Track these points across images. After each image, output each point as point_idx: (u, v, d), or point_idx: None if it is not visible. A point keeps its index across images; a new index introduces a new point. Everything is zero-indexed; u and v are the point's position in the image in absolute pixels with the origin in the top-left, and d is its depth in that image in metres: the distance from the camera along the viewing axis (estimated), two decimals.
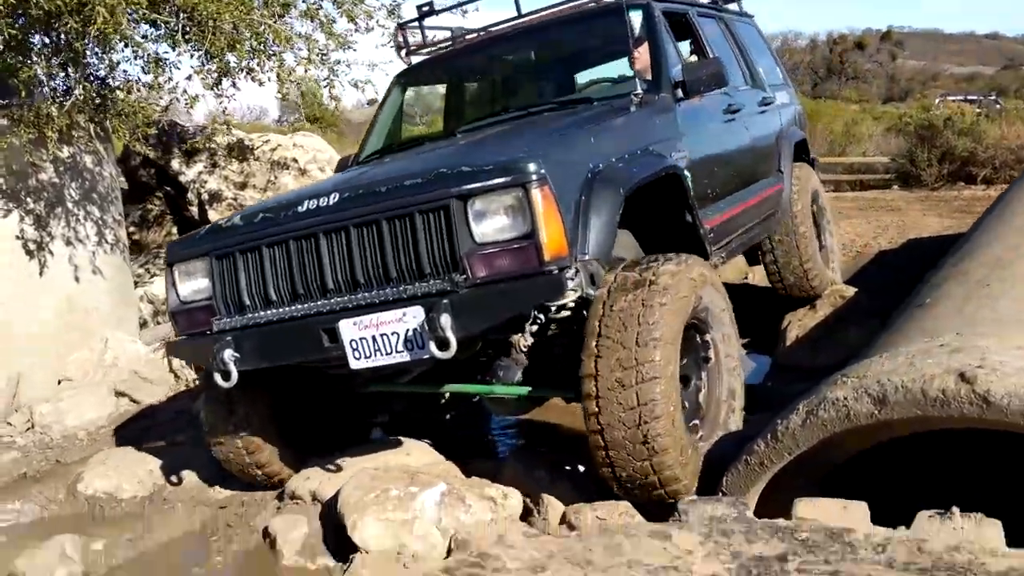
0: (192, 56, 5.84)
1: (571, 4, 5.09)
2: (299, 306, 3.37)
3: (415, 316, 3.05)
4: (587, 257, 3.13)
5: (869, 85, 48.87)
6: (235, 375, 3.42)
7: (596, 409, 3.07)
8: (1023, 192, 5.11)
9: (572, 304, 3.26)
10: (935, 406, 2.50)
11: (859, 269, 8.10)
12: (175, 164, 9.69)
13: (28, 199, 6.09)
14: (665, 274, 3.20)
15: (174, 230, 9.98)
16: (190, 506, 4.32)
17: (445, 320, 2.94)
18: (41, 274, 6.18)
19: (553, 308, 3.28)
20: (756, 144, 5.32)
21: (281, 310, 3.41)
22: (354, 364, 3.20)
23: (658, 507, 3.09)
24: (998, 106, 23.12)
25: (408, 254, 3.15)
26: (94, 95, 5.80)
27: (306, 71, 6.06)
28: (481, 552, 2.48)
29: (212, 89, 6.08)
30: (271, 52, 5.89)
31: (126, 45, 5.61)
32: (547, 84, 5.35)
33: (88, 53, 5.59)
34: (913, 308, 3.62)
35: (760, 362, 5.94)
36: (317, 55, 5.97)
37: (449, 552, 2.80)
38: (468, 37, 5.59)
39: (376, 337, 3.13)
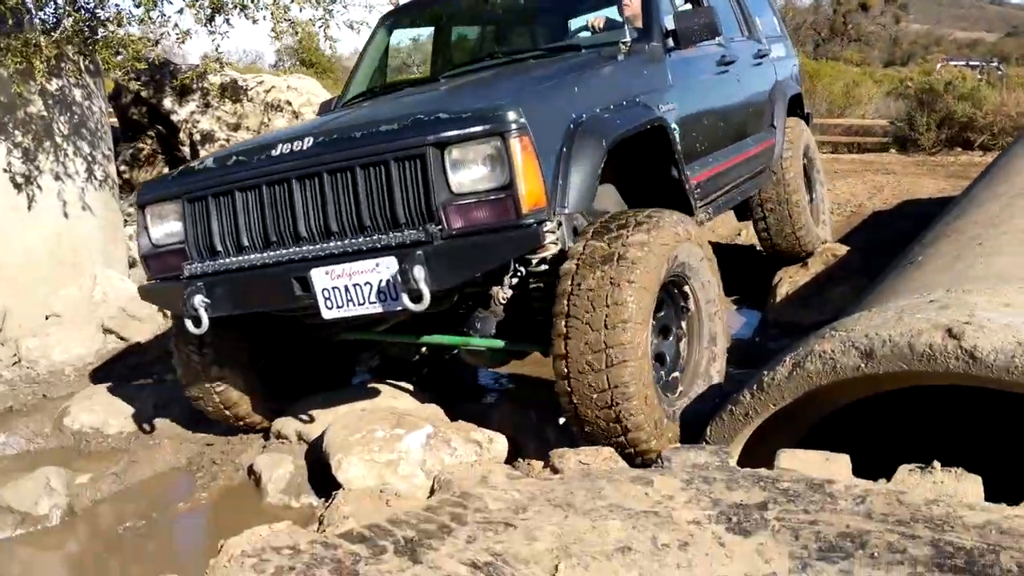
0: None
1: None
2: (271, 253, 3.28)
3: (388, 267, 2.98)
4: (567, 210, 3.06)
5: (871, 47, 48.41)
6: (206, 321, 3.36)
7: (568, 389, 3.04)
8: (1019, 154, 5.08)
9: (551, 257, 3.20)
10: (922, 361, 2.49)
11: (852, 228, 8.09)
12: (167, 103, 9.56)
13: (16, 131, 6.00)
14: (634, 245, 3.08)
15: (165, 169, 9.88)
16: (176, 443, 4.34)
17: (419, 272, 2.89)
18: (29, 208, 6.13)
19: (533, 261, 3.22)
20: (749, 98, 5.22)
21: (253, 256, 3.32)
22: (326, 314, 3.15)
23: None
24: (1000, 72, 22.93)
25: (383, 203, 3.06)
26: (84, 27, 5.69)
27: (301, 9, 5.95)
28: (463, 492, 2.48)
29: (205, 25, 5.98)
30: None
31: None
32: (536, 29, 5.22)
33: None
34: (905, 265, 3.61)
35: (751, 317, 5.95)
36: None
37: (432, 492, 2.81)
38: None
39: (349, 287, 3.07)
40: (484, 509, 2.35)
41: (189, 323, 3.37)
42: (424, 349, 4.44)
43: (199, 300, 3.34)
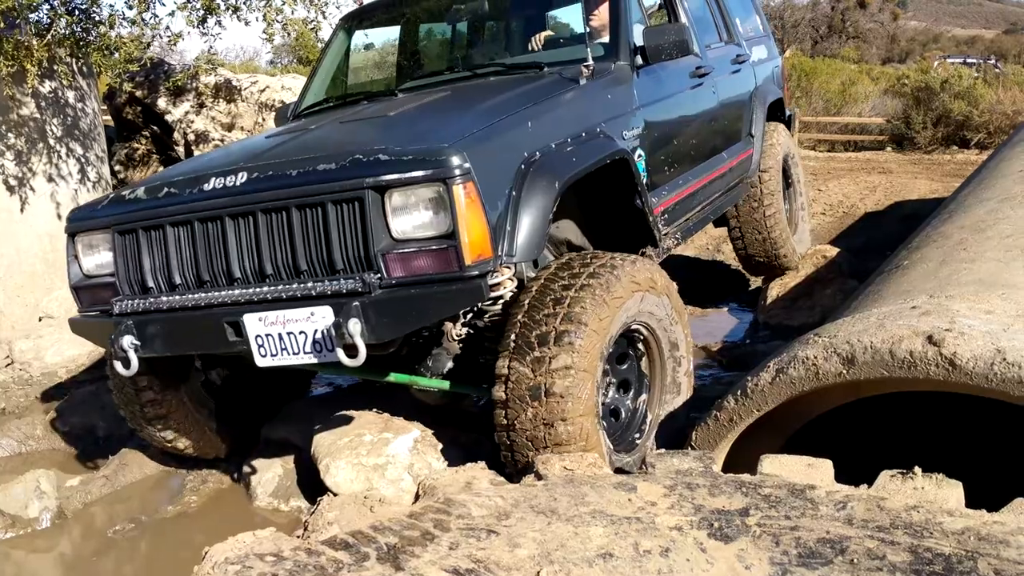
0: None
1: None
2: (204, 294, 3.06)
3: (324, 317, 2.80)
4: (515, 259, 2.85)
5: (869, 45, 48.35)
6: (135, 363, 3.15)
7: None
8: (1007, 157, 5.09)
9: (505, 298, 3.07)
10: (902, 367, 2.51)
11: (844, 230, 8.10)
12: (161, 103, 9.55)
13: (9, 134, 6.01)
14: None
15: (160, 169, 9.88)
16: None
17: (354, 326, 2.70)
18: (22, 211, 6.14)
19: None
20: (726, 109, 4.95)
21: (185, 296, 3.10)
22: (260, 362, 2.96)
23: None
24: (997, 69, 22.94)
25: (319, 247, 2.86)
26: (76, 28, 5.70)
27: (293, 12, 5.96)
28: (447, 498, 2.50)
29: (198, 27, 5.99)
30: None
31: None
32: (502, 39, 4.93)
33: None
34: (891, 270, 3.63)
35: (742, 319, 5.97)
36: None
37: (417, 498, 2.83)
38: None
39: (283, 335, 2.88)
40: (467, 516, 2.37)
41: (118, 364, 3.18)
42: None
43: (128, 341, 3.13)
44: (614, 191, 3.58)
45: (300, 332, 2.84)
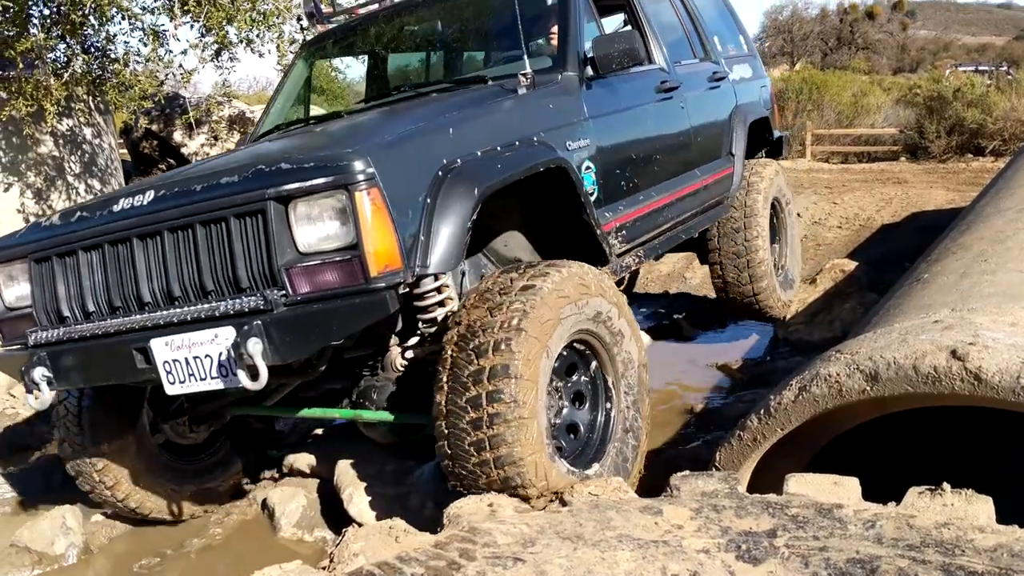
0: (191, 28, 5.82)
1: None
2: (115, 320, 2.94)
3: (226, 338, 2.66)
4: (430, 269, 2.72)
5: (880, 55, 48.36)
6: (47, 396, 3.04)
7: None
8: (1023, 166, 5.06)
9: (441, 318, 2.94)
10: (927, 383, 2.49)
11: (861, 243, 8.07)
12: (177, 136, 9.68)
13: (28, 172, 6.10)
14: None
15: None
16: None
17: (253, 345, 2.57)
18: None
19: (420, 324, 2.96)
20: (699, 125, 4.81)
21: (96, 324, 2.98)
22: (169, 389, 2.84)
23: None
24: (1010, 76, 22.86)
25: (224, 264, 2.73)
26: (93, 67, 5.79)
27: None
28: (472, 526, 2.49)
29: (212, 61, 6.07)
30: (270, 23, 5.87)
31: (123, 17, 5.59)
32: (452, 60, 4.84)
33: (86, 24, 5.56)
34: (911, 283, 3.60)
35: (761, 336, 5.94)
36: (300, 30, 5.93)
37: (441, 527, 2.81)
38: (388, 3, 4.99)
39: (189, 360, 2.75)
40: (493, 544, 2.36)
41: (31, 397, 3.06)
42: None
43: (40, 373, 3.02)
44: (561, 205, 3.46)
45: (205, 355, 2.73)
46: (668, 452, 3.98)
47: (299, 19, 5.73)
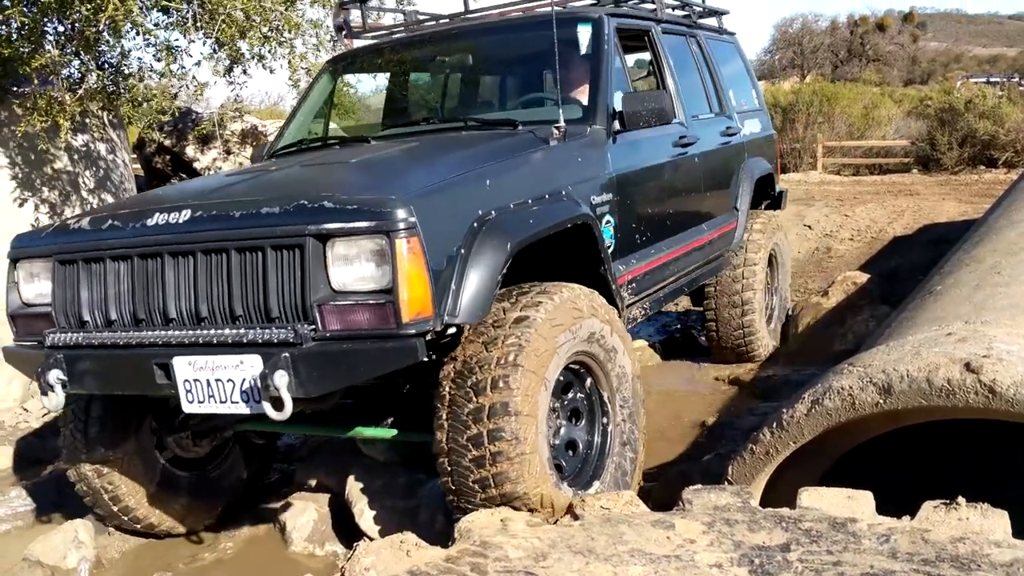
0: (204, 43, 5.87)
1: (526, 4, 4.67)
2: (139, 332, 2.96)
3: (253, 366, 2.70)
4: (456, 319, 2.74)
5: (890, 67, 48.30)
6: (60, 398, 3.06)
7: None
8: None
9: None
10: (940, 396, 2.48)
11: (873, 255, 8.04)
12: (190, 151, 9.75)
13: (43, 188, 6.15)
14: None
15: None
16: None
17: (280, 378, 2.61)
18: None
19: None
20: (710, 181, 4.87)
21: (119, 334, 2.99)
22: (187, 407, 2.87)
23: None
24: (1022, 87, 22.82)
25: (257, 293, 2.76)
26: (107, 82, 5.84)
27: (316, 58, 6.06)
28: (483, 540, 2.48)
29: (224, 76, 6.11)
30: (282, 39, 5.90)
31: (137, 33, 5.64)
32: (479, 95, 4.87)
33: (100, 40, 5.62)
34: (923, 295, 3.59)
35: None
36: (328, 41, 5.96)
37: (452, 541, 2.81)
38: (419, 24, 5.07)
39: (212, 381, 2.78)
40: (504, 558, 2.35)
41: (45, 398, 3.09)
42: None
43: (55, 375, 3.03)
44: (579, 256, 3.49)
45: (228, 380, 2.76)
46: (680, 466, 3.97)
47: (330, 34, 5.73)
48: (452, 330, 2.90)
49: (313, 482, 3.98)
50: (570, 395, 3.17)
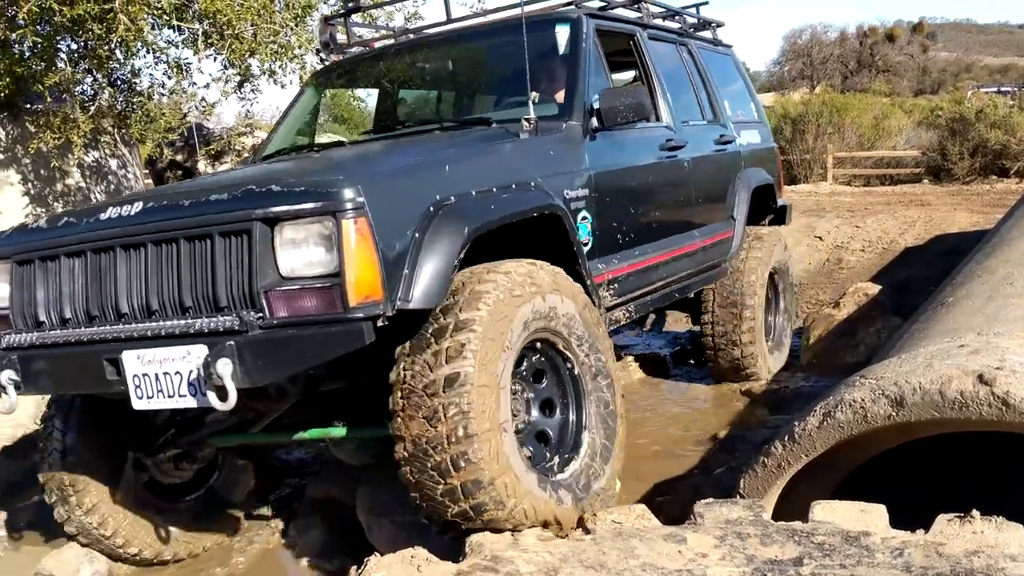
0: (214, 60, 5.92)
1: (504, 12, 4.69)
2: (91, 329, 2.91)
3: (198, 356, 2.64)
4: (409, 304, 2.66)
5: (900, 78, 48.24)
6: (13, 400, 3.01)
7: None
8: None
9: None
10: (953, 408, 2.46)
11: (884, 266, 8.01)
12: (201, 166, 9.82)
13: (55, 204, 6.19)
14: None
15: None
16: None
17: (223, 366, 2.54)
18: None
19: None
20: (702, 187, 4.79)
21: (70, 331, 2.96)
22: (136, 404, 2.80)
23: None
24: None
25: (205, 282, 2.71)
26: (119, 100, 5.89)
27: None
28: (494, 555, 2.48)
29: (235, 93, 6.16)
30: (292, 55, 5.94)
31: (148, 51, 5.69)
32: (460, 100, 4.88)
33: (112, 58, 5.67)
34: (936, 306, 3.57)
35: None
36: (315, 55, 6.00)
37: (463, 556, 2.80)
38: (404, 34, 5.15)
39: (159, 375, 2.72)
40: (516, 573, 2.35)
41: None
42: None
43: (7, 376, 2.99)
44: (555, 253, 3.40)
45: (176, 372, 2.69)
46: (692, 479, 3.95)
47: (318, 51, 5.80)
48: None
49: (323, 497, 3.97)
50: (532, 363, 3.11)
